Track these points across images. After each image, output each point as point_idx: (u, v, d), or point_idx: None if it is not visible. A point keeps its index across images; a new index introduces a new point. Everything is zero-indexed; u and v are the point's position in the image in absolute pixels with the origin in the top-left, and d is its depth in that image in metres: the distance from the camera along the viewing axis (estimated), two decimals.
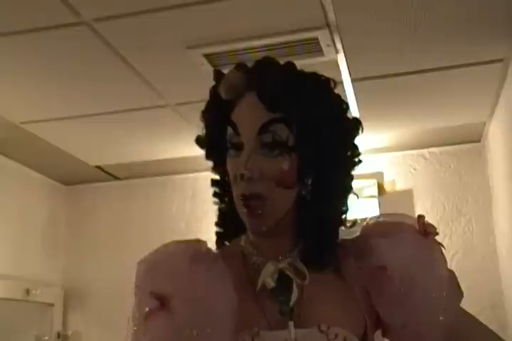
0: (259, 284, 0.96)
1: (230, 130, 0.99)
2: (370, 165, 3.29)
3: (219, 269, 0.94)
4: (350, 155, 1.04)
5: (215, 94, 1.04)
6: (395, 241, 1.00)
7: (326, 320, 0.95)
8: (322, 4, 2.02)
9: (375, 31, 2.19)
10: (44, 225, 3.68)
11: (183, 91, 2.63)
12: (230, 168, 1.00)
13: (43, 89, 2.60)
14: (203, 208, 3.47)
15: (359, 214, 2.99)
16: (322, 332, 0.94)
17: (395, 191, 3.38)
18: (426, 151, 3.41)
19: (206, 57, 2.31)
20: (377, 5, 2.04)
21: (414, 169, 3.41)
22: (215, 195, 1.09)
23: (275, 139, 0.96)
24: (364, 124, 1.05)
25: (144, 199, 3.76)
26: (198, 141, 1.08)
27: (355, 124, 1.05)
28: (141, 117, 2.90)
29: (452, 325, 0.98)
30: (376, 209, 3.20)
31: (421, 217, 1.04)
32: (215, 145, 1.04)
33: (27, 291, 3.34)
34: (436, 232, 1.03)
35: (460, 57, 2.41)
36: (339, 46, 2.28)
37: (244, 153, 0.96)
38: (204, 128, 1.07)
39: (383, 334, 1.05)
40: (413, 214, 1.09)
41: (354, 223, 1.05)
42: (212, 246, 1.05)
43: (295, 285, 0.96)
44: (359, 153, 1.05)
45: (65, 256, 3.78)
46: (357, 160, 1.04)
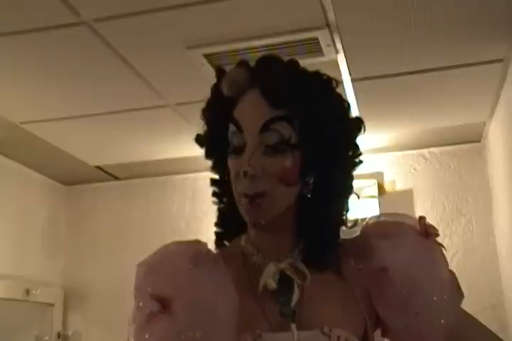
0: (261, 285, 0.95)
1: (232, 127, 0.98)
2: (370, 165, 3.29)
3: (220, 270, 0.94)
4: (352, 154, 1.03)
5: (216, 91, 1.03)
6: (396, 243, 0.99)
7: (327, 322, 0.95)
8: (322, 4, 2.02)
9: (375, 31, 2.19)
10: (44, 225, 3.68)
11: (183, 91, 2.63)
12: (231, 165, 0.99)
13: (43, 89, 2.60)
14: (203, 208, 3.47)
15: (359, 214, 3.01)
16: (325, 334, 0.93)
17: (395, 191, 3.38)
18: (426, 151, 3.41)
19: (206, 57, 2.31)
20: (377, 5, 2.04)
21: (414, 169, 3.41)
22: (215, 194, 1.08)
23: (278, 138, 0.95)
24: (364, 124, 1.05)
25: (144, 200, 3.76)
26: (198, 139, 1.07)
27: (358, 124, 1.04)
28: (141, 117, 2.90)
29: (453, 326, 0.97)
30: (376, 210, 3.20)
31: (422, 218, 1.03)
32: (216, 143, 1.03)
33: (27, 291, 3.34)
34: (437, 233, 1.02)
35: (460, 57, 2.41)
36: (339, 46, 2.28)
37: (247, 150, 0.95)
38: (204, 127, 1.06)
39: (383, 334, 1.05)
40: (413, 214, 1.09)
41: (355, 223, 1.05)
42: (212, 246, 1.05)
43: (296, 285, 0.96)
44: (360, 153, 1.04)
45: (65, 256, 3.78)
46: (358, 160, 1.04)
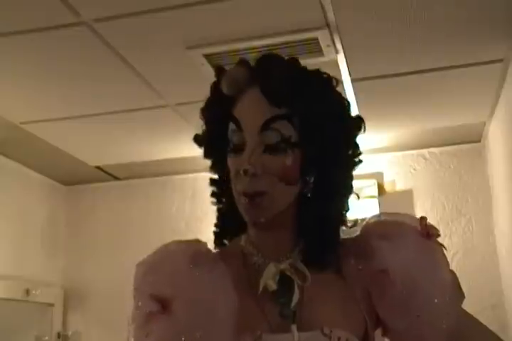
0: (261, 286, 0.95)
1: (231, 126, 0.98)
2: (370, 165, 3.29)
3: (220, 270, 0.94)
4: (352, 153, 1.02)
5: (216, 90, 1.02)
6: (397, 244, 0.99)
7: (328, 323, 0.94)
8: (322, 4, 2.02)
9: (375, 31, 2.19)
10: (44, 225, 3.68)
11: (183, 91, 2.62)
12: (231, 164, 0.98)
13: (43, 90, 2.60)
14: (203, 208, 3.47)
15: (359, 214, 3.01)
16: (325, 335, 0.93)
17: (395, 191, 3.38)
18: (426, 151, 3.41)
19: (206, 57, 2.31)
20: (377, 5, 2.04)
21: (414, 169, 3.41)
22: (214, 194, 1.07)
23: (278, 136, 0.94)
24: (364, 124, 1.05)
25: (144, 200, 3.76)
26: (197, 139, 1.07)
27: (358, 122, 1.04)
28: (141, 117, 2.89)
29: (454, 327, 0.97)
30: (376, 210, 3.20)
31: (423, 219, 1.02)
32: (215, 142, 1.02)
33: (27, 291, 3.33)
34: (438, 234, 1.01)
35: (460, 57, 2.41)
36: (339, 46, 2.28)
37: (247, 148, 0.94)
38: (203, 126, 1.05)
39: (383, 334, 1.04)
40: (413, 214, 1.08)
41: (355, 223, 1.05)
42: (212, 246, 1.04)
43: (296, 286, 0.95)
44: (360, 152, 1.03)
45: (65, 256, 3.78)
46: (357, 159, 1.03)
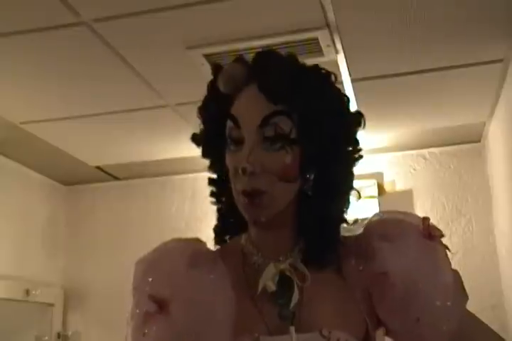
0: (260, 287, 0.94)
1: (229, 124, 0.96)
2: (370, 165, 3.29)
3: (219, 271, 0.93)
4: (352, 150, 1.01)
5: (213, 88, 1.01)
6: (398, 246, 0.97)
7: (327, 324, 0.93)
8: (322, 4, 2.02)
9: (374, 31, 2.19)
10: (44, 225, 3.68)
11: (183, 91, 2.62)
12: (230, 162, 0.97)
13: (42, 90, 2.60)
14: (203, 208, 3.47)
15: (359, 214, 3.01)
16: (324, 337, 0.92)
17: (395, 191, 3.38)
18: (426, 151, 3.41)
19: (206, 57, 2.31)
20: (377, 5, 2.04)
21: (414, 169, 3.41)
22: (213, 194, 1.06)
23: (277, 132, 0.93)
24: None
25: (144, 200, 3.76)
26: (195, 138, 1.05)
27: (358, 118, 1.02)
28: (140, 117, 2.89)
29: (456, 329, 0.95)
30: (376, 210, 3.20)
31: (425, 219, 1.01)
32: (213, 141, 1.01)
33: (27, 291, 3.33)
34: (442, 234, 1.00)
35: (460, 57, 2.41)
36: (339, 46, 2.28)
37: (245, 146, 0.93)
38: (201, 125, 1.04)
39: (386, 333, 1.02)
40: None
41: (355, 221, 1.04)
42: (212, 244, 1.04)
43: (296, 287, 0.94)
44: (360, 148, 1.02)
45: (65, 256, 3.78)
46: (357, 156, 1.02)
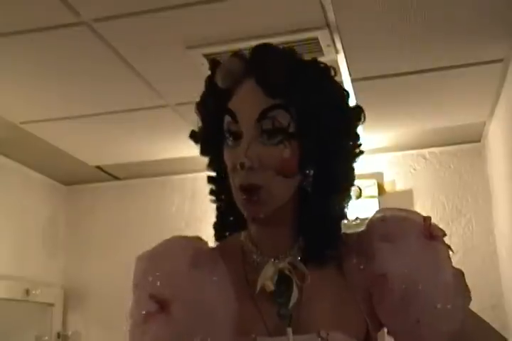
0: (258, 287, 0.93)
1: (227, 118, 0.95)
2: (370, 165, 3.29)
3: (220, 272, 0.92)
4: (352, 144, 0.99)
5: (210, 83, 1.00)
6: (399, 246, 0.96)
7: (325, 325, 0.92)
8: (322, 4, 2.02)
9: (375, 31, 2.19)
10: (44, 225, 3.68)
11: (183, 91, 2.62)
12: (228, 158, 0.95)
13: (42, 89, 2.60)
14: (202, 208, 3.47)
15: (359, 214, 3.01)
16: (322, 338, 0.91)
17: (395, 191, 3.38)
18: (426, 151, 3.41)
19: (206, 57, 2.31)
20: (377, 5, 2.04)
21: (414, 169, 3.41)
22: (212, 192, 1.04)
23: (275, 125, 0.91)
24: (364, 124, 1.03)
25: (144, 200, 3.76)
26: (193, 135, 1.04)
27: (357, 112, 1.00)
28: (140, 117, 2.89)
29: (458, 330, 0.94)
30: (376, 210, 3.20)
31: (427, 219, 0.99)
32: (212, 138, 0.99)
33: (27, 291, 3.34)
34: (444, 234, 0.98)
35: (460, 57, 2.41)
36: (339, 46, 2.28)
37: (243, 141, 0.92)
38: (199, 121, 1.02)
39: (387, 332, 1.01)
40: None
41: (356, 218, 1.02)
42: (212, 242, 1.03)
43: (295, 286, 0.93)
44: (360, 143, 1.00)
45: (65, 256, 3.78)
46: (358, 151, 1.00)
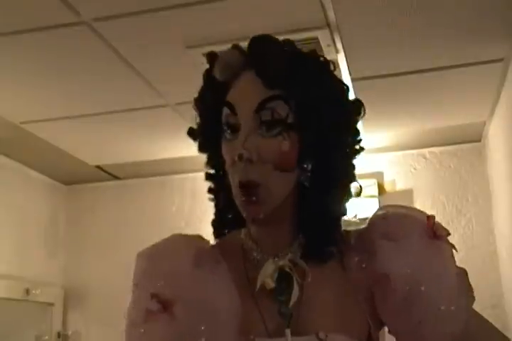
0: (258, 284, 0.92)
1: (225, 111, 0.93)
2: (370, 164, 3.29)
3: (222, 272, 0.91)
4: (352, 140, 0.98)
5: (208, 77, 0.98)
6: (402, 246, 0.94)
7: (326, 326, 0.91)
8: (322, 4, 2.02)
9: (375, 31, 2.19)
10: (44, 225, 3.68)
11: (183, 90, 2.60)
12: (226, 151, 0.93)
13: (42, 89, 2.60)
14: (202, 208, 3.47)
15: (359, 213, 3.01)
16: (320, 340, 0.90)
17: (395, 191, 3.38)
18: (426, 151, 3.41)
19: (206, 57, 2.31)
20: (377, 5, 2.04)
21: (415, 169, 3.41)
22: (210, 190, 1.03)
23: (274, 117, 0.90)
24: (364, 124, 1.03)
25: (144, 199, 3.76)
26: (191, 132, 1.02)
27: (357, 106, 0.99)
28: (141, 117, 2.89)
29: (461, 330, 0.93)
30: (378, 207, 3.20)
31: (431, 218, 0.97)
32: (210, 133, 0.97)
33: (27, 291, 3.34)
34: (448, 233, 0.97)
35: (460, 57, 2.40)
36: (339, 46, 2.28)
37: (241, 133, 0.90)
38: (197, 117, 1.01)
39: (388, 331, 0.99)
40: None
41: (356, 215, 1.01)
42: (211, 240, 1.02)
43: (295, 283, 0.92)
44: (361, 139, 0.99)
45: (65, 255, 3.78)
46: (358, 147, 0.99)
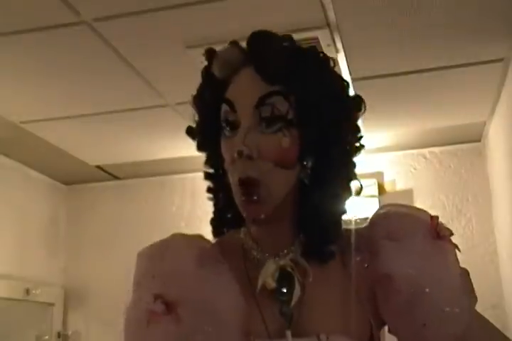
0: (259, 285, 0.91)
1: (224, 107, 0.92)
2: (370, 164, 3.30)
3: (224, 271, 0.90)
4: (353, 136, 0.97)
5: (207, 74, 0.97)
6: (404, 246, 0.93)
7: (326, 328, 0.90)
8: (322, 4, 2.02)
9: (375, 31, 2.19)
10: (45, 225, 3.68)
11: (183, 90, 2.57)
12: (225, 149, 0.92)
13: (43, 89, 2.60)
14: (203, 207, 3.47)
15: (359, 213, 3.01)
16: None
17: (395, 191, 3.38)
18: (426, 151, 3.41)
19: None
20: (377, 5, 2.04)
21: (415, 169, 3.41)
22: (209, 189, 1.01)
23: (274, 113, 0.88)
24: (364, 124, 1.02)
25: (144, 199, 3.76)
26: (189, 131, 1.01)
27: (358, 102, 0.97)
28: (141, 117, 2.89)
29: (464, 332, 0.91)
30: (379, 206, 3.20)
31: (434, 218, 0.96)
32: (209, 131, 0.96)
33: (27, 291, 3.34)
34: (451, 233, 0.96)
35: (460, 57, 2.40)
36: (339, 46, 2.28)
37: (241, 129, 0.89)
38: (196, 115, 0.99)
39: (389, 331, 0.98)
40: None
41: (355, 215, 1.00)
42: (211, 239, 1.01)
43: (297, 283, 0.91)
44: (361, 136, 0.98)
45: (66, 255, 3.78)
46: (359, 144, 0.98)
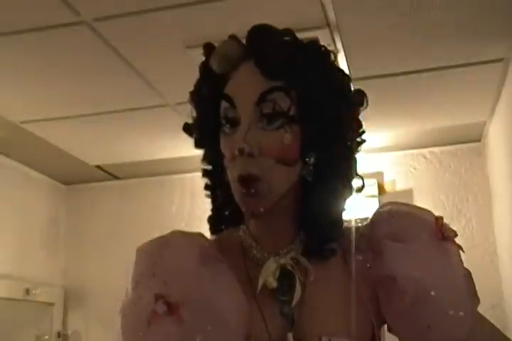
0: (260, 284, 0.89)
1: (224, 104, 0.90)
2: (370, 164, 3.29)
3: (225, 270, 0.88)
4: (355, 131, 0.96)
5: (205, 69, 0.95)
6: (409, 248, 0.91)
7: (328, 329, 0.89)
8: (322, 4, 2.02)
9: (375, 31, 2.19)
10: (44, 225, 3.68)
11: (183, 90, 2.58)
12: (225, 146, 0.90)
13: (42, 89, 2.60)
14: (202, 207, 3.46)
15: (358, 213, 3.01)
16: None
17: (395, 191, 3.38)
18: (426, 151, 3.41)
19: None
20: (377, 5, 2.04)
21: (415, 169, 3.41)
22: (207, 186, 1.00)
23: (275, 109, 0.87)
24: (364, 124, 1.02)
25: (144, 199, 3.76)
26: (186, 128, 0.99)
27: (359, 97, 0.96)
28: (140, 116, 2.89)
29: (467, 333, 0.91)
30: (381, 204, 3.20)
31: (439, 219, 0.95)
32: (207, 127, 0.94)
33: (27, 291, 3.33)
34: (456, 234, 0.96)
35: (460, 57, 2.40)
36: (339, 46, 2.28)
37: (241, 126, 0.87)
38: (193, 111, 0.97)
39: (389, 330, 0.98)
40: None
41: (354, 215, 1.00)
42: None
43: (298, 282, 0.90)
44: (363, 131, 0.97)
45: (66, 255, 3.78)
46: (361, 139, 0.97)
